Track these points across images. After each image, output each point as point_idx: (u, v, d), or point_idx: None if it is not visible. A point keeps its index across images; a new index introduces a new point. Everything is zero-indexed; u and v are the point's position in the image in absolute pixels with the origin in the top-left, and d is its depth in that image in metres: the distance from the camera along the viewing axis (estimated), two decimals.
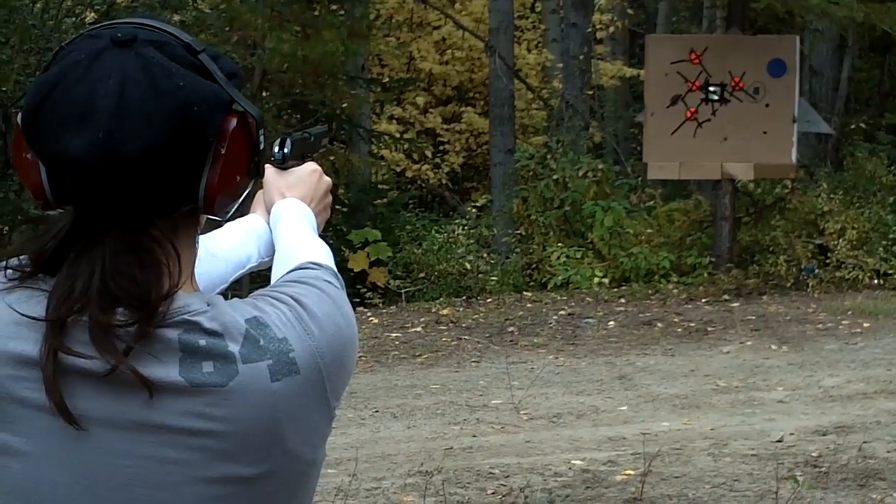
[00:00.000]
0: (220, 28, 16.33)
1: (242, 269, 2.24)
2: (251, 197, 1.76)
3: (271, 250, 2.14)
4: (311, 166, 2.28)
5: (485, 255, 16.82)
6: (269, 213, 2.21)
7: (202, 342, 1.57)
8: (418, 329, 12.92)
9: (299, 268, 1.78)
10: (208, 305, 1.60)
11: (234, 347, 1.58)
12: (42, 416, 1.56)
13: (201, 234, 1.72)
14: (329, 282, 1.74)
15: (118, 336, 1.55)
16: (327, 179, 2.29)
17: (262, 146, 1.71)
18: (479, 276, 15.93)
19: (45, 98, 1.58)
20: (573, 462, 7.97)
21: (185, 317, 1.58)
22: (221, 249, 2.19)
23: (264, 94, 18.93)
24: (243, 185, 1.69)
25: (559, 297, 14.69)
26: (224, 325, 1.59)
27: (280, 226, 2.12)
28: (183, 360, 1.57)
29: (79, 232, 1.60)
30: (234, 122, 1.64)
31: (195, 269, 1.69)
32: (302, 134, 2.33)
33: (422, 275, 16.37)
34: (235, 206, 1.70)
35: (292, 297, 1.67)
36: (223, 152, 1.63)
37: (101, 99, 1.55)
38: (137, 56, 1.58)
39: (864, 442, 8.18)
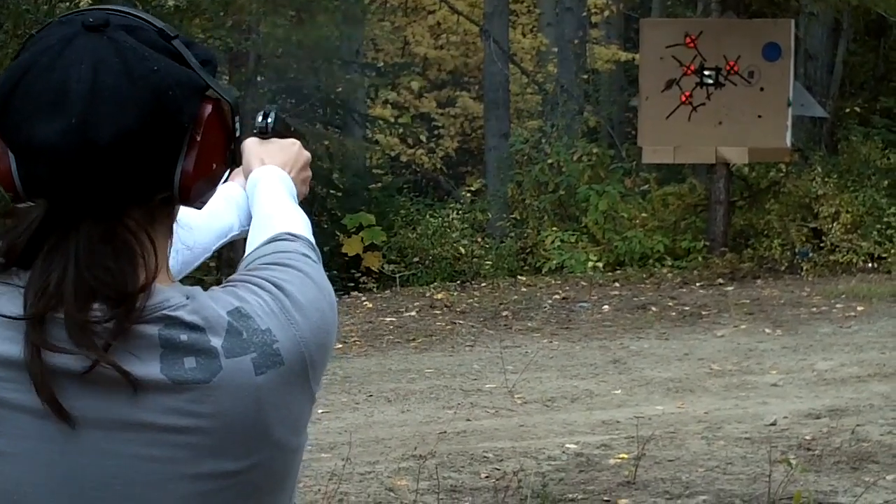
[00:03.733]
0: (214, 12, 16.28)
1: (224, 238, 2.22)
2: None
3: (251, 218, 2.10)
4: (291, 139, 2.26)
5: (479, 239, 16.83)
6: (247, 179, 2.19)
7: (183, 337, 1.54)
8: (412, 313, 12.93)
9: (275, 239, 1.75)
10: (188, 298, 1.57)
11: (216, 342, 1.55)
12: (24, 418, 1.53)
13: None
14: (306, 255, 1.72)
15: (96, 332, 1.51)
16: (307, 153, 2.26)
17: (237, 134, 1.68)
18: (474, 260, 15.94)
19: (16, 85, 1.55)
20: (567, 446, 7.98)
21: (164, 312, 1.54)
22: (201, 218, 2.15)
23: (259, 78, 18.91)
24: (219, 173, 1.66)
25: (553, 282, 14.70)
26: (206, 319, 1.56)
27: (258, 191, 2.10)
28: (164, 357, 1.53)
29: (52, 223, 1.56)
30: (209, 108, 1.61)
31: (171, 253, 1.67)
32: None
33: (416, 259, 16.38)
34: (212, 195, 1.66)
35: (274, 284, 1.63)
36: (198, 139, 1.59)
37: (73, 84, 1.52)
38: (110, 41, 1.55)
39: (858, 425, 8.19)
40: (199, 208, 1.67)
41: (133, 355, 1.52)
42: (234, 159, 1.69)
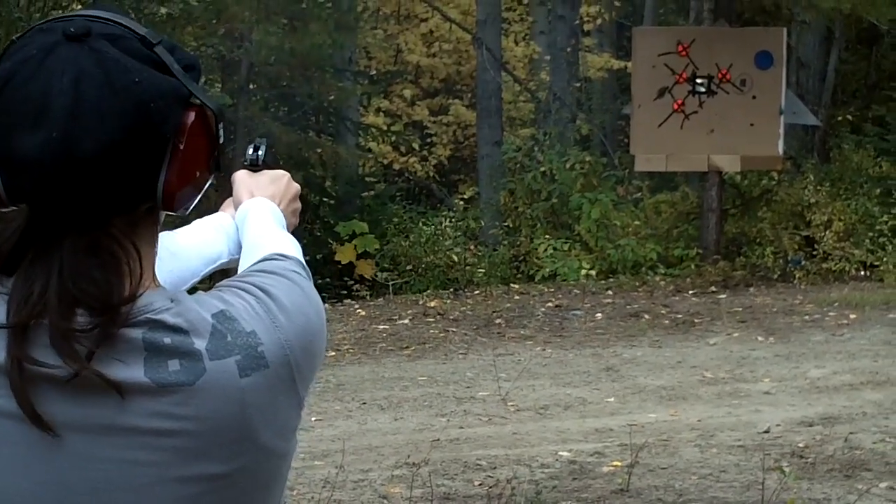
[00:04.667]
0: (207, 20, 16.31)
1: (213, 264, 2.22)
2: (220, 194, 1.73)
3: (240, 248, 2.11)
4: (280, 171, 2.27)
5: (472, 247, 16.84)
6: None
7: (167, 340, 1.53)
8: (406, 321, 12.93)
9: (266, 259, 1.75)
10: (172, 301, 1.57)
11: (200, 344, 1.54)
12: (8, 423, 1.52)
13: (162, 230, 1.68)
14: (297, 272, 1.71)
15: (79, 340, 1.50)
16: (296, 185, 2.27)
17: (221, 139, 1.67)
18: (467, 268, 15.93)
19: None
20: (560, 453, 7.98)
21: (148, 315, 1.54)
22: (191, 245, 2.17)
23: (252, 86, 18.92)
24: (203, 179, 1.65)
25: (546, 289, 14.70)
26: (189, 322, 1.55)
27: (248, 221, 2.10)
28: (148, 360, 1.53)
29: (35, 231, 1.55)
30: (192, 116, 1.60)
31: (156, 269, 1.65)
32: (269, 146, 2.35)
33: (409, 267, 16.37)
34: (195, 202, 1.66)
35: (260, 288, 1.63)
36: (182, 148, 1.58)
37: (55, 96, 1.51)
38: (91, 51, 1.54)
39: (851, 433, 8.21)
40: (184, 214, 1.66)
41: (117, 359, 1.52)
42: (218, 165, 1.68)
